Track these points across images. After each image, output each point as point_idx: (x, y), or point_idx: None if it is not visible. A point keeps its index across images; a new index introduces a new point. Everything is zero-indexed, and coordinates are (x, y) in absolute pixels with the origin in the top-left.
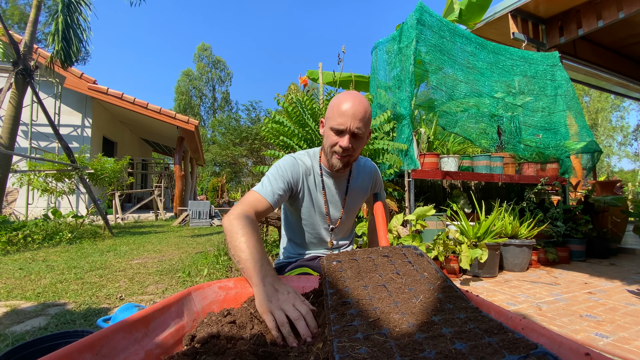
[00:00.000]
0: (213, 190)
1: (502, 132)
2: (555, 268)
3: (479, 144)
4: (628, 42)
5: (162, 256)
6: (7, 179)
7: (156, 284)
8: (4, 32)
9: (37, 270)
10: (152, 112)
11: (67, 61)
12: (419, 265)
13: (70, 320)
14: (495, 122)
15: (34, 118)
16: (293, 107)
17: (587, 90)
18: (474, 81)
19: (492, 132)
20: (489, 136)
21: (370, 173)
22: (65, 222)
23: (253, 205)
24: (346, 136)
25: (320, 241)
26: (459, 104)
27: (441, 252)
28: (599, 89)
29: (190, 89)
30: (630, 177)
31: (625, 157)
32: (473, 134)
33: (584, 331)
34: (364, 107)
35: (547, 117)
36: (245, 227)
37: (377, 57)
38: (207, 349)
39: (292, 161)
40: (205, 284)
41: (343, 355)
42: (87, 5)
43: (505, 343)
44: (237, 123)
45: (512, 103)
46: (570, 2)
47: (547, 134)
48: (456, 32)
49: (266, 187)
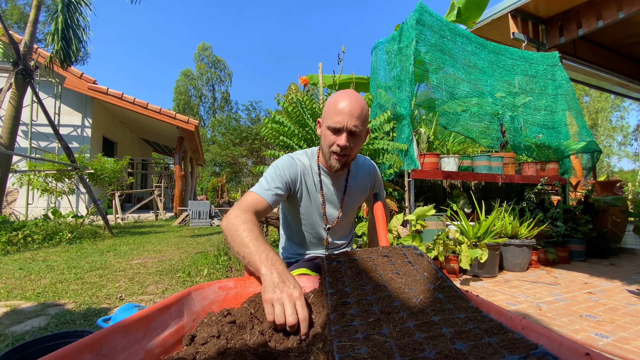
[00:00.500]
0: (213, 190)
1: (505, 130)
2: (555, 268)
3: (482, 143)
4: (628, 42)
5: (162, 256)
6: (7, 179)
7: (156, 284)
8: (4, 32)
9: (37, 270)
10: (152, 112)
11: (66, 61)
12: (419, 265)
13: (70, 320)
14: (498, 120)
15: (34, 118)
16: (293, 107)
17: (587, 90)
18: (476, 80)
19: (495, 131)
20: (492, 134)
21: (369, 172)
22: (65, 222)
23: (252, 205)
24: (343, 134)
25: (319, 241)
26: (460, 103)
27: (441, 252)
28: (599, 89)
29: (190, 88)
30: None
31: (625, 157)
32: (475, 132)
33: (584, 331)
34: (361, 105)
35: (548, 117)
36: (245, 223)
37: (377, 57)
38: (207, 349)
39: (289, 161)
40: (205, 284)
41: (343, 355)
42: (87, 5)
43: (505, 343)
44: (237, 123)
45: (513, 102)
46: (570, 2)
47: (548, 134)
48: (456, 31)
49: (264, 187)
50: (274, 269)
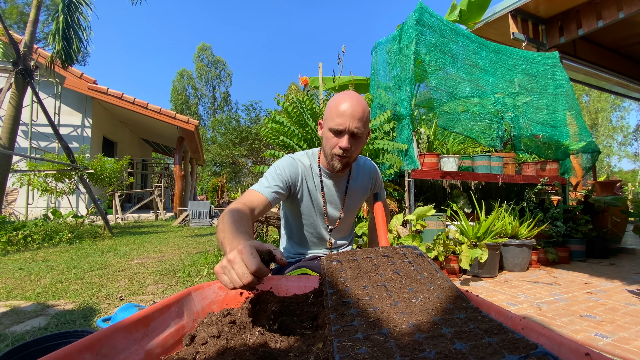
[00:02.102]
0: (213, 190)
1: (508, 129)
2: (555, 268)
3: (482, 142)
4: (628, 42)
5: (162, 256)
6: (7, 179)
7: (156, 284)
8: (4, 32)
9: (37, 270)
10: (152, 112)
11: (67, 61)
12: (419, 265)
13: (70, 320)
14: (500, 119)
15: (34, 118)
16: (293, 107)
17: (587, 90)
18: (477, 79)
19: (497, 130)
20: (493, 134)
21: (369, 173)
22: (65, 222)
23: (249, 200)
24: (345, 136)
25: (320, 241)
26: (461, 103)
27: (441, 252)
28: (599, 89)
29: (187, 88)
30: (630, 177)
31: (625, 157)
32: (476, 132)
33: (584, 331)
34: (362, 107)
35: (549, 116)
36: (231, 212)
37: (377, 57)
38: (207, 349)
39: (290, 161)
40: (205, 284)
41: (343, 355)
42: (88, 4)
43: (505, 343)
44: (237, 123)
45: (514, 102)
46: (570, 2)
47: (549, 133)
48: (457, 31)
49: (264, 184)
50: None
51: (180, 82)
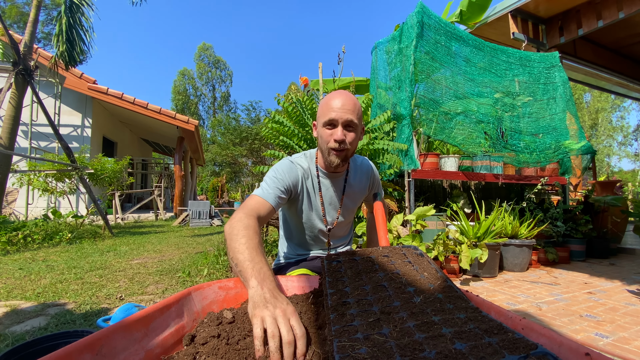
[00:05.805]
0: (213, 190)
1: (505, 131)
2: (555, 268)
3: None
4: (628, 42)
5: (162, 256)
6: (7, 179)
7: (156, 284)
8: (4, 32)
9: (37, 270)
10: (152, 112)
11: (71, 62)
12: (419, 265)
13: (70, 320)
14: (497, 122)
15: (34, 118)
16: (293, 107)
17: (587, 89)
18: (476, 80)
19: (491, 133)
20: (489, 137)
21: (367, 172)
22: (65, 222)
23: (255, 209)
24: (339, 128)
25: (318, 242)
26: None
27: (441, 252)
28: (599, 89)
29: (188, 87)
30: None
31: (625, 157)
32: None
33: (584, 331)
34: (352, 100)
35: (548, 117)
36: (247, 229)
37: (377, 57)
38: (207, 349)
39: (289, 164)
40: (205, 284)
41: (343, 355)
42: (89, 5)
43: (505, 343)
44: (237, 123)
45: (512, 102)
46: (570, 2)
47: (548, 134)
48: (454, 33)
49: (266, 190)
50: (265, 284)
51: (182, 81)
